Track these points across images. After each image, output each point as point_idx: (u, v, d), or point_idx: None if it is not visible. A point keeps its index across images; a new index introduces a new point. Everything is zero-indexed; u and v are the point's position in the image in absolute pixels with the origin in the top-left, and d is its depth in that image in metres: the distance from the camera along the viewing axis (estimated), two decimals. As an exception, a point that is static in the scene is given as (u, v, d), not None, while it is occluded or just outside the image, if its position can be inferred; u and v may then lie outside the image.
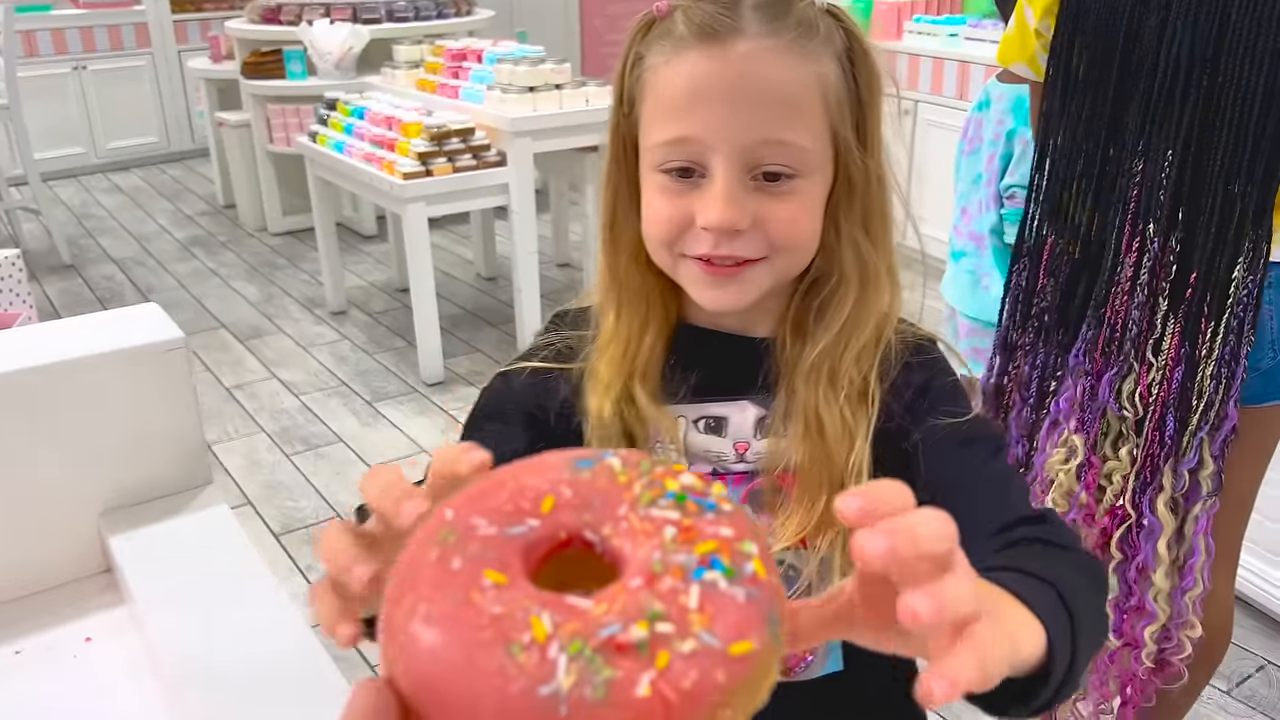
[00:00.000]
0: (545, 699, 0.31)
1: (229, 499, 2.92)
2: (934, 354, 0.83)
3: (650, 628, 0.33)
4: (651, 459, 0.40)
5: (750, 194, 0.73)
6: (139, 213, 5.86)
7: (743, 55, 0.71)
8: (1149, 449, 1.51)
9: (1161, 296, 1.47)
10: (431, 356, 3.61)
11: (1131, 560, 1.58)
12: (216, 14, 6.79)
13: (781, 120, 0.72)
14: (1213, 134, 1.38)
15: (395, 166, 3.41)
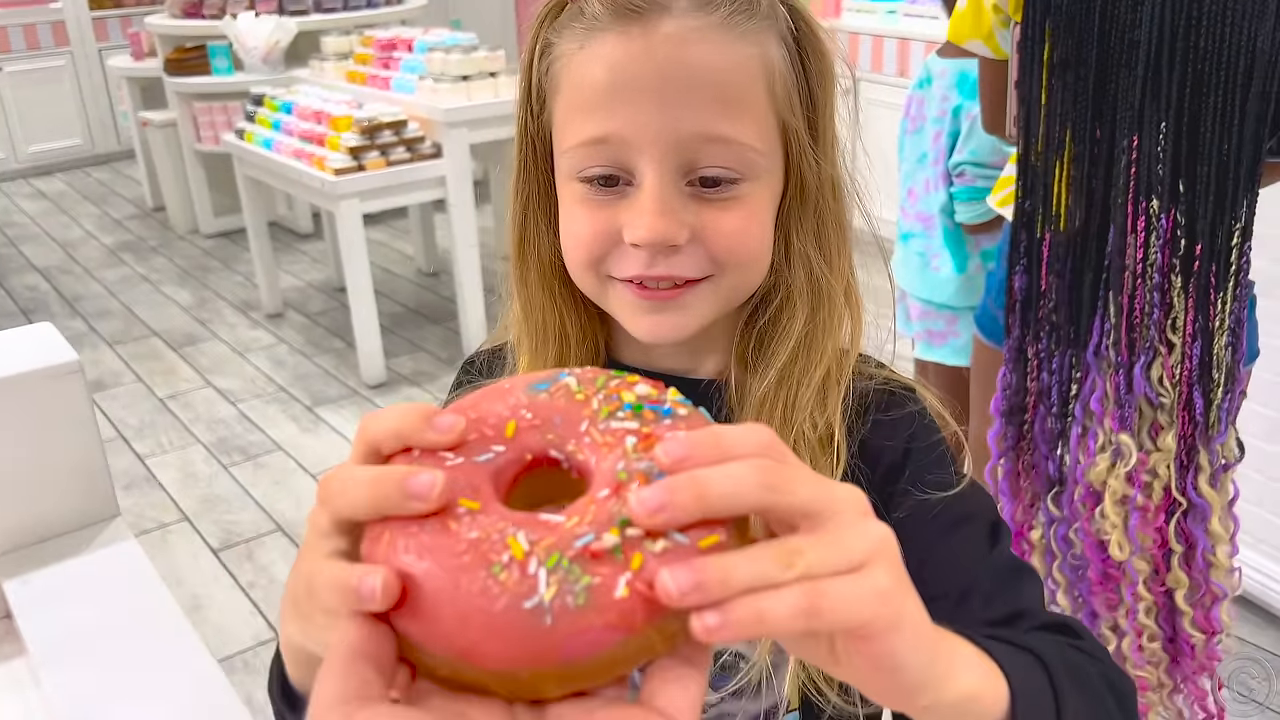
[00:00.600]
0: (530, 612, 0.33)
1: (164, 516, 2.82)
2: (912, 407, 0.70)
3: (621, 533, 0.34)
4: (607, 374, 0.41)
5: (687, 202, 0.61)
6: (63, 218, 5.65)
7: (670, 36, 0.60)
8: (1182, 430, 1.47)
9: (1174, 273, 1.42)
10: (372, 358, 3.51)
11: (1198, 550, 1.52)
12: (137, 10, 6.56)
13: (720, 112, 0.60)
14: (1202, 101, 1.35)
15: (326, 162, 3.29)
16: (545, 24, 0.66)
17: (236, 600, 2.47)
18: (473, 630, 0.34)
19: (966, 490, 0.67)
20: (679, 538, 0.34)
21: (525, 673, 0.34)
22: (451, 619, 0.34)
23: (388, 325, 3.91)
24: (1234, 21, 1.30)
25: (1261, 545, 2.24)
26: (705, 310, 0.65)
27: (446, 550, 0.35)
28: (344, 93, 3.85)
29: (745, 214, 0.63)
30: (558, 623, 0.33)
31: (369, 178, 3.31)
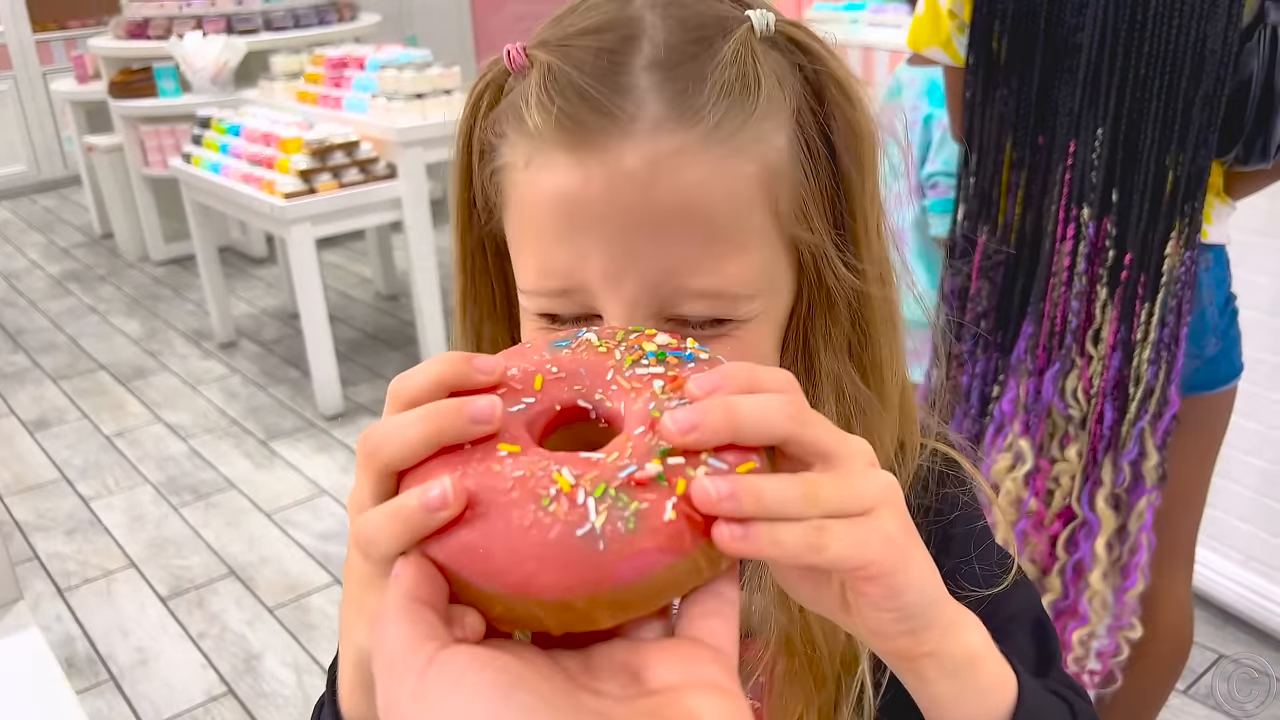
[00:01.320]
0: (583, 539, 0.34)
1: (109, 562, 2.68)
2: (954, 487, 0.61)
3: (663, 462, 0.36)
4: (625, 329, 0.43)
5: None
6: (7, 248, 5.47)
7: (636, 173, 0.46)
8: (1091, 443, 1.46)
9: (1099, 284, 1.41)
10: (328, 387, 3.38)
11: (1071, 560, 1.52)
12: (81, 32, 6.38)
13: (705, 256, 0.48)
14: (1142, 107, 1.33)
15: (275, 186, 3.17)
16: (479, 112, 0.54)
17: (186, 652, 2.34)
18: (528, 562, 0.34)
19: (1010, 584, 0.59)
20: (717, 463, 0.36)
21: (581, 600, 0.34)
22: (505, 553, 0.34)
23: (345, 352, 3.78)
24: (1181, 22, 1.26)
25: (1253, 563, 2.17)
26: None
27: (495, 489, 0.35)
28: (294, 114, 3.72)
29: (739, 354, 0.49)
30: (610, 547, 0.34)
31: (321, 201, 3.19)
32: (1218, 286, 1.42)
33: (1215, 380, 1.46)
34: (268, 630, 2.39)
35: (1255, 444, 2.11)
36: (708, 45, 0.48)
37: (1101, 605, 1.50)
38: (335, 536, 2.74)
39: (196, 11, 4.77)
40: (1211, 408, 1.48)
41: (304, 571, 2.60)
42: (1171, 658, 1.64)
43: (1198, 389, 1.44)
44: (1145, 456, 1.42)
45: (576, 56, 0.48)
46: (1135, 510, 1.45)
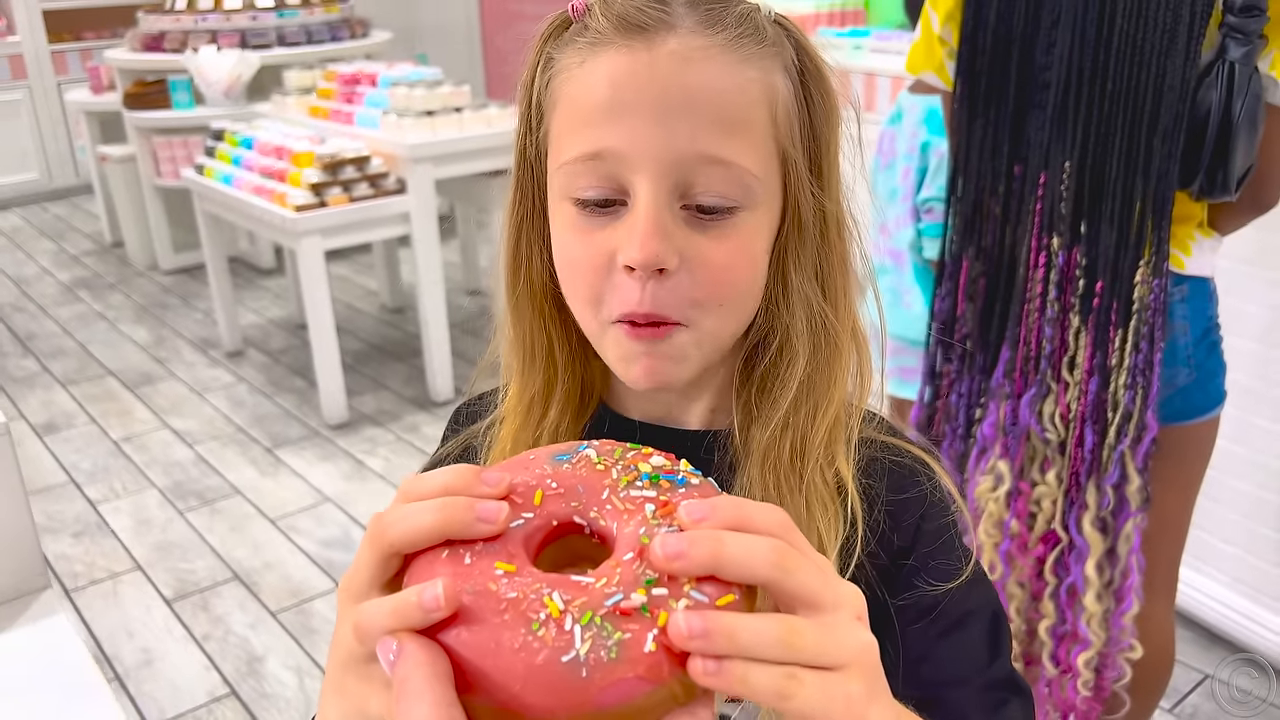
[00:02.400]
0: (568, 665, 0.36)
1: (115, 565, 2.72)
2: (925, 484, 0.67)
3: (648, 593, 0.38)
4: (623, 446, 0.45)
5: (681, 226, 0.60)
6: (18, 254, 5.53)
7: (673, 53, 0.59)
8: (1073, 467, 1.48)
9: (1072, 312, 1.44)
10: (334, 397, 3.43)
11: (1064, 584, 1.54)
12: (97, 43, 6.47)
13: (720, 132, 0.59)
14: (1107, 140, 1.37)
15: (287, 199, 3.22)
16: (548, 39, 0.65)
17: (190, 654, 2.38)
18: (515, 682, 0.37)
19: (970, 579, 0.64)
20: (698, 595, 0.38)
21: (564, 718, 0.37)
22: (495, 672, 0.37)
23: (350, 363, 3.83)
24: (1142, 59, 1.31)
25: (1239, 585, 2.21)
26: (692, 356, 0.63)
27: (489, 608, 0.38)
28: (306, 128, 3.79)
29: (736, 247, 0.61)
30: (593, 675, 0.37)
31: (331, 214, 3.24)
32: (1194, 318, 1.44)
33: (1190, 411, 1.48)
34: (270, 633, 2.43)
35: (1243, 469, 2.15)
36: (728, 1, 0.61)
37: (1100, 627, 1.52)
38: (338, 543, 2.78)
39: (211, 26, 4.84)
40: (1188, 438, 1.50)
41: (307, 577, 2.64)
42: (1152, 680, 1.65)
43: (1173, 419, 1.46)
44: (1128, 480, 1.45)
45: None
46: (1123, 533, 1.48)
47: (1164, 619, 1.63)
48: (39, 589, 0.99)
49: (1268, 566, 2.14)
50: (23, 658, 0.90)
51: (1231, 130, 1.26)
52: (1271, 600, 2.15)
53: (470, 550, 0.40)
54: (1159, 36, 1.28)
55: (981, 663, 0.64)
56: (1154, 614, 1.59)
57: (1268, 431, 2.09)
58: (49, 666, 0.89)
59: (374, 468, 3.18)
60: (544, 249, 0.68)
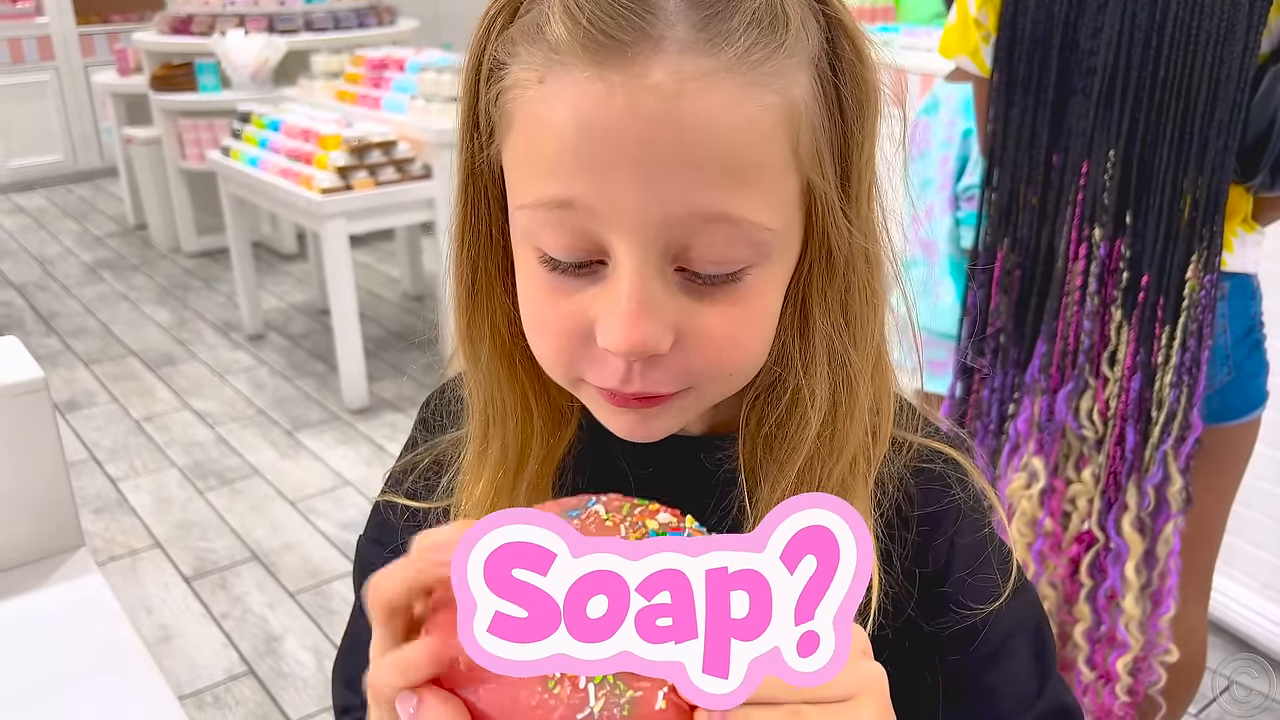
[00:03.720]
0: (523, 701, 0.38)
1: (135, 541, 2.72)
2: (957, 493, 0.60)
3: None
4: (631, 502, 0.44)
5: (674, 294, 0.48)
6: (42, 234, 5.55)
7: (660, 87, 0.45)
8: (1112, 466, 1.45)
9: (1114, 305, 1.41)
10: (355, 381, 3.42)
11: (1101, 586, 1.51)
12: (124, 26, 6.50)
13: (724, 186, 0.46)
14: (1157, 130, 1.33)
15: (313, 181, 3.22)
16: (493, 34, 0.51)
17: (208, 631, 2.37)
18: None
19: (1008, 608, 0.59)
20: None
21: None
22: None
23: (371, 349, 3.83)
24: (1198, 47, 1.27)
25: (1268, 590, 2.18)
26: (686, 416, 0.54)
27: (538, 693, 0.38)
28: (333, 111, 3.79)
29: (742, 315, 0.50)
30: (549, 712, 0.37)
31: (356, 198, 3.24)
32: (1236, 316, 1.41)
33: (1230, 412, 1.44)
34: (288, 614, 2.43)
35: (1274, 471, 2.12)
36: None
37: (1139, 630, 1.49)
38: (357, 526, 2.76)
39: (240, 10, 4.86)
40: (1228, 440, 1.46)
41: (326, 559, 2.64)
42: (1184, 684, 1.63)
43: (1211, 420, 1.43)
44: (1169, 481, 1.42)
45: None
46: (1162, 535, 1.45)
47: (1198, 623, 1.60)
48: (73, 547, 0.98)
49: (1299, 572, 2.11)
50: (60, 612, 0.90)
51: None
52: (1302, 606, 2.12)
53: None
54: (1216, 24, 1.25)
55: (1030, 693, 0.59)
56: (1187, 618, 1.56)
57: None
58: (86, 620, 0.89)
59: (393, 452, 3.18)
60: (506, 289, 0.56)
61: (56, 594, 0.93)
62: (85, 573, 0.95)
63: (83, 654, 0.87)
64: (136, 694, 0.83)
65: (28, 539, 0.95)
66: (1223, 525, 1.55)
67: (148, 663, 0.85)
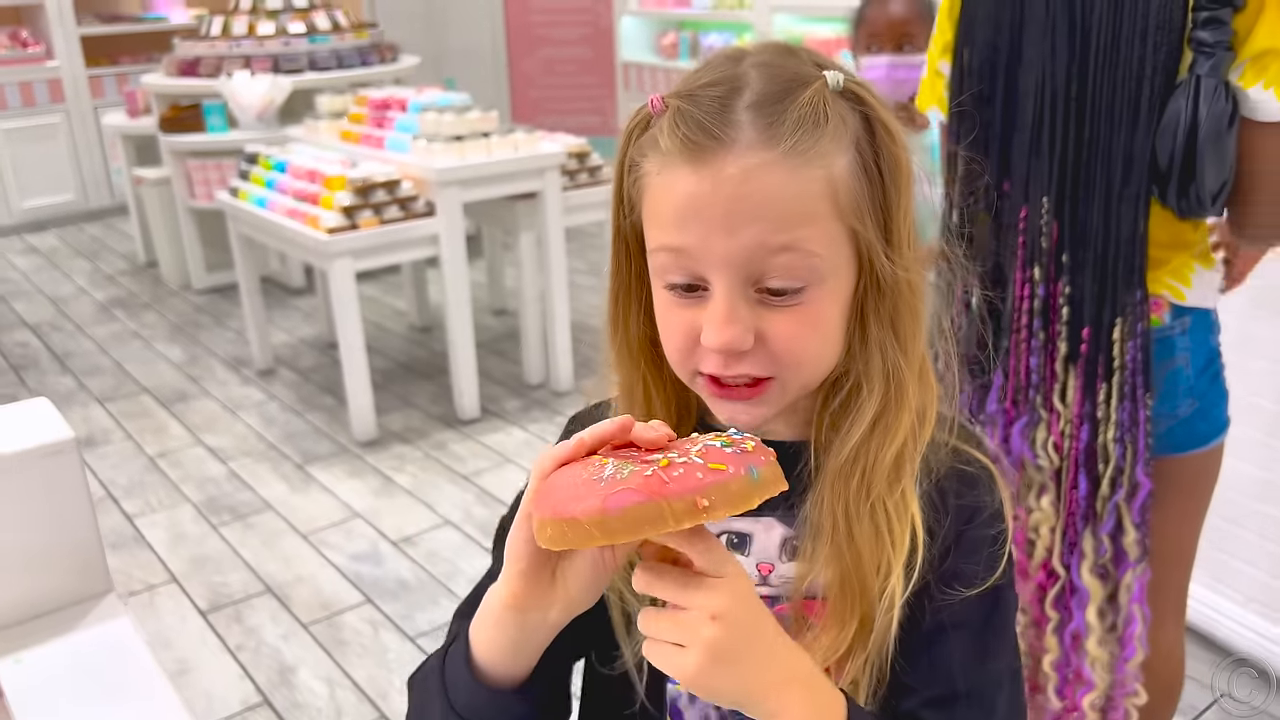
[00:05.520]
0: (595, 479, 0.56)
1: (151, 577, 2.79)
2: (982, 494, 0.74)
3: (666, 455, 0.57)
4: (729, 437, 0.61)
5: (754, 308, 0.68)
6: (55, 274, 5.66)
7: (733, 176, 0.65)
8: (1069, 508, 1.47)
9: (1059, 341, 1.42)
10: (363, 414, 3.50)
11: (1066, 626, 1.53)
12: (133, 68, 6.63)
13: (783, 229, 0.66)
14: (1087, 184, 1.35)
15: (319, 221, 3.31)
16: (632, 140, 0.72)
17: (224, 663, 2.44)
18: (562, 492, 0.57)
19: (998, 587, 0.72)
20: (697, 460, 0.56)
21: (590, 522, 0.55)
22: (557, 488, 0.58)
23: (379, 381, 3.91)
24: (1115, 111, 1.29)
25: (1254, 604, 2.24)
26: (777, 403, 0.72)
27: (577, 471, 0.59)
28: (338, 151, 3.88)
29: (805, 319, 0.68)
30: (607, 485, 0.55)
31: (362, 236, 3.33)
32: (1197, 349, 1.43)
33: (1194, 440, 1.46)
34: (302, 645, 2.50)
35: (1261, 490, 2.18)
36: (792, 93, 0.67)
37: (1104, 670, 1.51)
38: (368, 558, 2.85)
39: (245, 51, 4.97)
40: (1193, 467, 1.49)
41: (337, 591, 2.71)
42: (1159, 706, 1.64)
43: (1176, 449, 1.45)
44: (1124, 532, 1.43)
45: (698, 100, 0.67)
46: (1123, 583, 1.46)
47: (1173, 642, 1.62)
48: (102, 592, 1.05)
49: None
50: (94, 655, 0.97)
51: (1197, 144, 1.25)
52: (1287, 620, 2.17)
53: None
54: (1131, 87, 1.27)
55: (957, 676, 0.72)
56: (1163, 638, 1.58)
57: (1261, 445, 2.12)
58: (117, 662, 0.96)
59: (402, 484, 3.25)
60: (640, 311, 0.77)
61: (89, 636, 1.00)
62: (114, 616, 1.02)
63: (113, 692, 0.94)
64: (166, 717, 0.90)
65: (63, 587, 1.02)
66: (1194, 546, 1.57)
67: (174, 699, 0.92)
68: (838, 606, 0.71)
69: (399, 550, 2.89)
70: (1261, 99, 1.21)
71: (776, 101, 0.66)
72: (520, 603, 0.65)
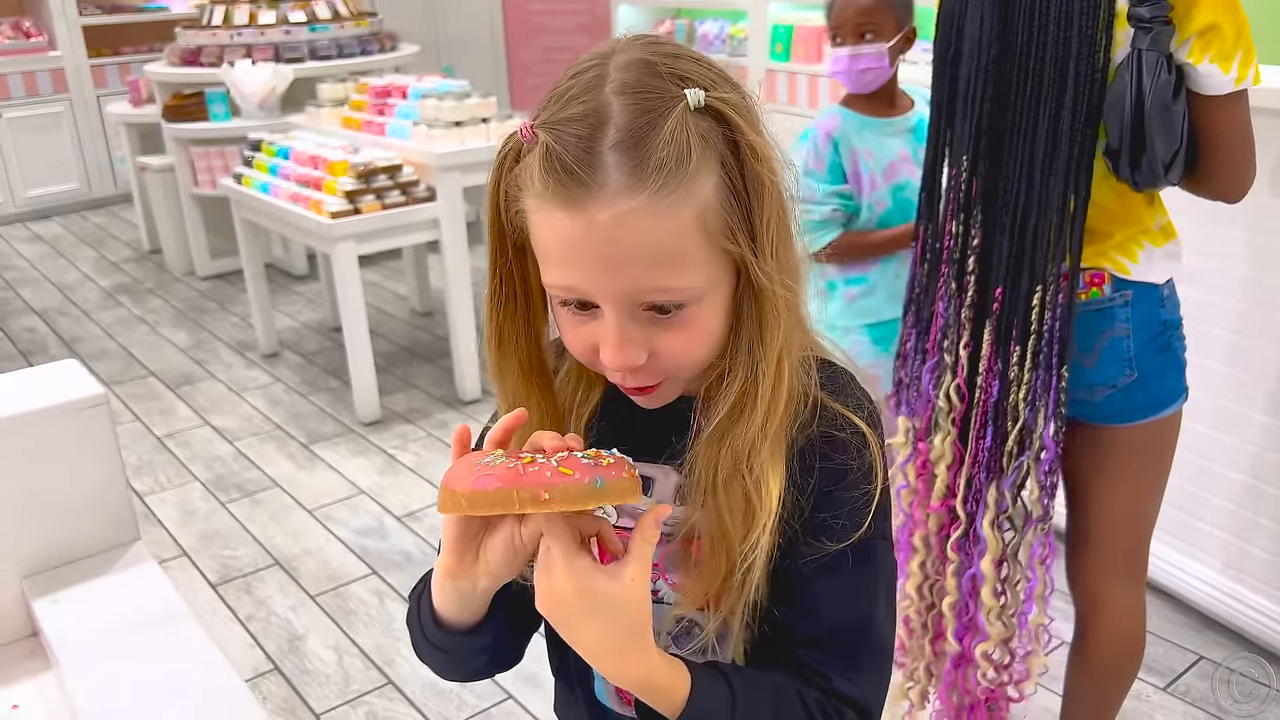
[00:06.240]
0: (478, 465, 0.69)
1: (163, 551, 2.87)
2: (851, 460, 0.79)
3: (533, 456, 0.70)
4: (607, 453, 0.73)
5: (643, 327, 0.73)
6: (61, 261, 5.73)
7: (604, 223, 0.68)
8: (975, 456, 1.50)
9: (968, 292, 1.46)
10: (367, 395, 3.58)
11: (965, 571, 1.56)
12: (135, 58, 6.69)
13: (658, 271, 0.70)
14: (1009, 151, 1.39)
15: (323, 206, 3.38)
16: (505, 170, 0.75)
17: (235, 633, 2.53)
18: (457, 471, 0.70)
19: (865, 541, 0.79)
20: (552, 463, 0.69)
21: (462, 495, 0.68)
22: (453, 473, 0.71)
23: (382, 364, 3.98)
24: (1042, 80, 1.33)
25: (1230, 570, 2.31)
26: (673, 393, 0.80)
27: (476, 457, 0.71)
28: (340, 138, 3.95)
29: (691, 332, 0.74)
30: (481, 469, 0.68)
31: (364, 220, 3.40)
32: (1141, 323, 1.45)
33: (1135, 411, 1.48)
34: (310, 615, 2.58)
35: (1232, 458, 2.25)
36: (655, 125, 0.68)
37: (997, 621, 1.53)
38: (372, 532, 2.93)
39: (247, 40, 5.02)
40: (1136, 437, 1.50)
41: (344, 563, 2.79)
42: (1119, 664, 1.67)
43: (1114, 419, 1.48)
44: (1027, 489, 1.46)
45: (564, 138, 0.69)
46: (1025, 540, 1.49)
47: (1133, 606, 1.64)
48: (131, 540, 1.13)
49: (1257, 551, 2.24)
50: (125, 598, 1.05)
51: (1144, 116, 1.28)
52: (1260, 583, 2.25)
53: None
54: (1056, 50, 1.31)
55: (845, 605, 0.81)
56: (1122, 600, 1.62)
57: (1257, 422, 2.19)
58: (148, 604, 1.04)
59: (405, 462, 3.33)
60: (525, 330, 0.82)
61: (120, 579, 1.08)
62: (142, 562, 1.10)
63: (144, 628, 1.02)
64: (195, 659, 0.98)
65: (94, 535, 1.10)
66: (1147, 514, 1.59)
67: (202, 634, 0.99)
68: (708, 553, 0.79)
69: (403, 524, 2.97)
70: (1210, 73, 1.27)
71: (640, 140, 0.68)
72: (452, 572, 0.76)
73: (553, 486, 0.66)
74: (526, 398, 0.83)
